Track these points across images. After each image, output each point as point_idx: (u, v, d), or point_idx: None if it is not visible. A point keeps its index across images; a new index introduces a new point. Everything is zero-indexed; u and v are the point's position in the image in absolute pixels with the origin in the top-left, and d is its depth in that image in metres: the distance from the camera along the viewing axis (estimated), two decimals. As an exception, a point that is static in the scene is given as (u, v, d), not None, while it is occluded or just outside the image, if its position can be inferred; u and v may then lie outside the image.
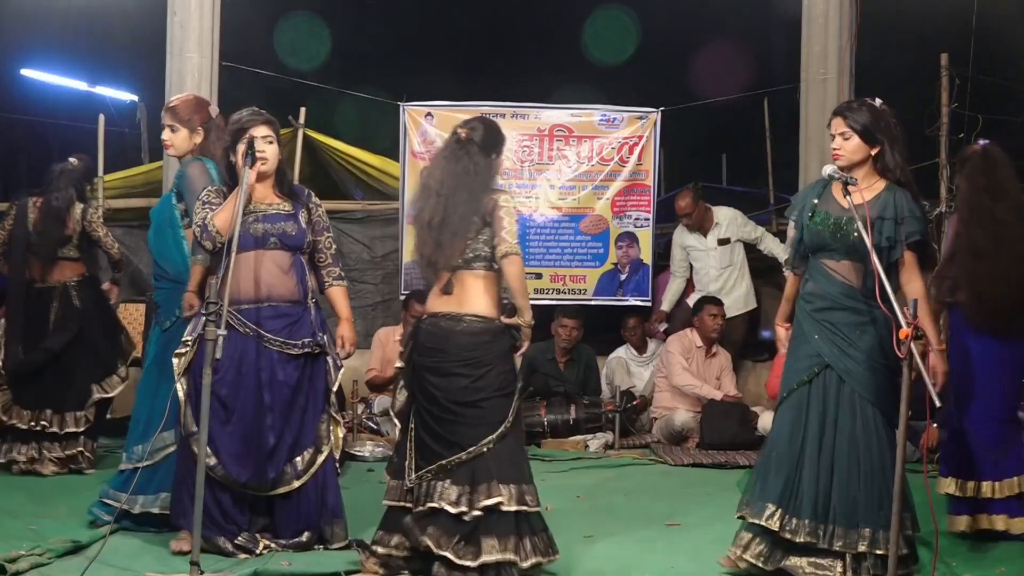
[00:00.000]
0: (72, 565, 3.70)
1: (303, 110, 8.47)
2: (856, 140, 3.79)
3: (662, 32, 10.89)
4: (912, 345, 3.23)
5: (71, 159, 5.97)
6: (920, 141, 7.78)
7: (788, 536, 3.69)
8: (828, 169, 3.76)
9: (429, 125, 7.76)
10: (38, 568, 3.65)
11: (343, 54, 11.44)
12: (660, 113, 7.82)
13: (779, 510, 3.72)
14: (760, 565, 3.73)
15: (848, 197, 3.64)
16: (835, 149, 3.81)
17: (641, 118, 7.84)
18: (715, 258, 7.53)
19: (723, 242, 7.50)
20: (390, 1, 11.50)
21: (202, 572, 3.53)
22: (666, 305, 7.73)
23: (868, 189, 3.77)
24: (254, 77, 8.45)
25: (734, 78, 9.45)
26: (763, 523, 3.71)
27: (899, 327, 3.23)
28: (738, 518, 3.85)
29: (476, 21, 11.65)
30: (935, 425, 6.03)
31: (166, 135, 4.46)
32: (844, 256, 3.77)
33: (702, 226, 7.53)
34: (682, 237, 7.68)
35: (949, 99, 7.50)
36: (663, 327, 7.77)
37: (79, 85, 11.90)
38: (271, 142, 4.11)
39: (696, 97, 8.56)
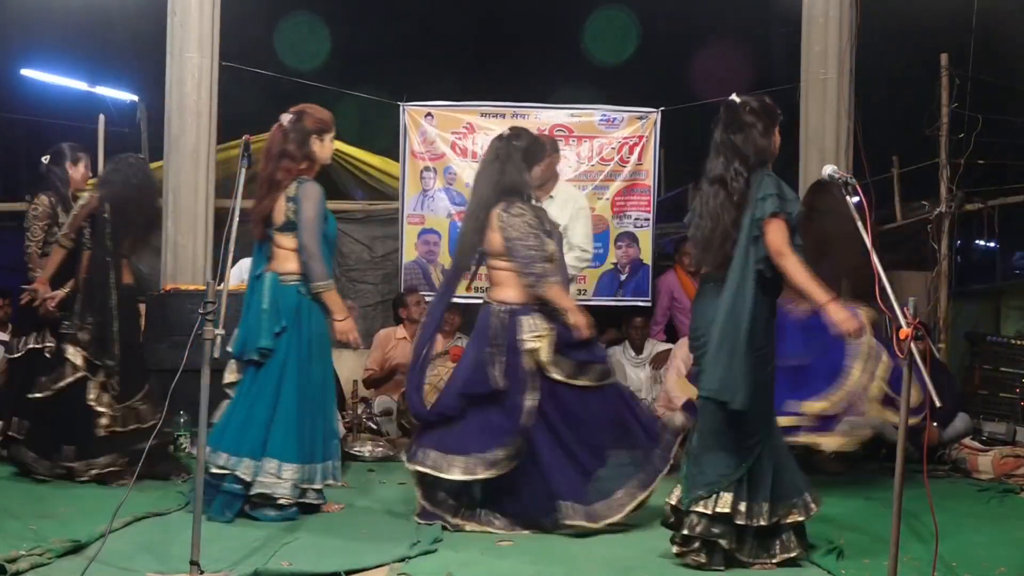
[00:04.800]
0: (72, 565, 3.69)
1: (303, 110, 8.46)
2: None
3: (662, 32, 10.90)
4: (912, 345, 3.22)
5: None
6: (920, 141, 7.79)
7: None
8: (828, 169, 3.75)
9: (429, 125, 7.76)
10: (38, 568, 3.65)
11: (343, 54, 11.44)
12: (660, 113, 7.83)
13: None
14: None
15: (848, 198, 3.63)
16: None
17: (641, 118, 7.84)
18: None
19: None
20: (390, 1, 11.50)
21: (202, 572, 3.53)
22: None
23: None
24: (254, 77, 8.45)
25: (734, 78, 9.44)
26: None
27: (899, 327, 3.22)
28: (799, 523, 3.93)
29: (476, 21, 11.66)
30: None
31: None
32: None
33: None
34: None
35: (949, 99, 7.50)
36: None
37: (79, 85, 11.91)
38: None
39: (696, 97, 8.56)
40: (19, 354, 5.59)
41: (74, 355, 5.23)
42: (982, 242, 13.22)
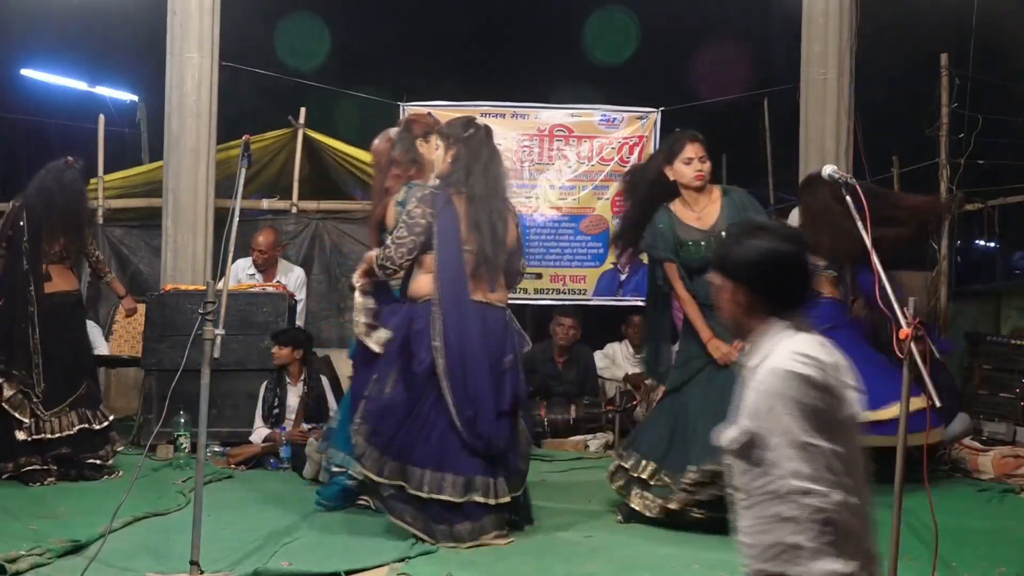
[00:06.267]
0: (72, 565, 3.70)
1: (303, 110, 8.47)
2: (709, 163, 4.69)
3: (662, 32, 10.89)
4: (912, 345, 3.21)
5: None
6: (920, 141, 7.79)
7: None
8: (828, 169, 3.75)
9: (429, 125, 7.75)
10: (38, 568, 3.65)
11: (343, 54, 11.44)
12: (660, 113, 7.83)
13: None
14: None
15: (848, 198, 3.64)
16: (699, 171, 4.61)
17: (641, 118, 7.84)
18: None
19: None
20: (390, 1, 11.50)
21: (202, 572, 3.53)
22: None
23: (713, 203, 4.65)
24: (254, 77, 8.45)
25: (734, 78, 9.45)
26: None
27: (899, 327, 3.22)
28: None
29: (476, 21, 11.66)
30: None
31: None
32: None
33: None
34: None
35: (949, 99, 7.50)
36: None
37: (79, 85, 11.92)
38: None
39: (696, 97, 8.56)
40: None
41: None
42: (982, 242, 13.23)
